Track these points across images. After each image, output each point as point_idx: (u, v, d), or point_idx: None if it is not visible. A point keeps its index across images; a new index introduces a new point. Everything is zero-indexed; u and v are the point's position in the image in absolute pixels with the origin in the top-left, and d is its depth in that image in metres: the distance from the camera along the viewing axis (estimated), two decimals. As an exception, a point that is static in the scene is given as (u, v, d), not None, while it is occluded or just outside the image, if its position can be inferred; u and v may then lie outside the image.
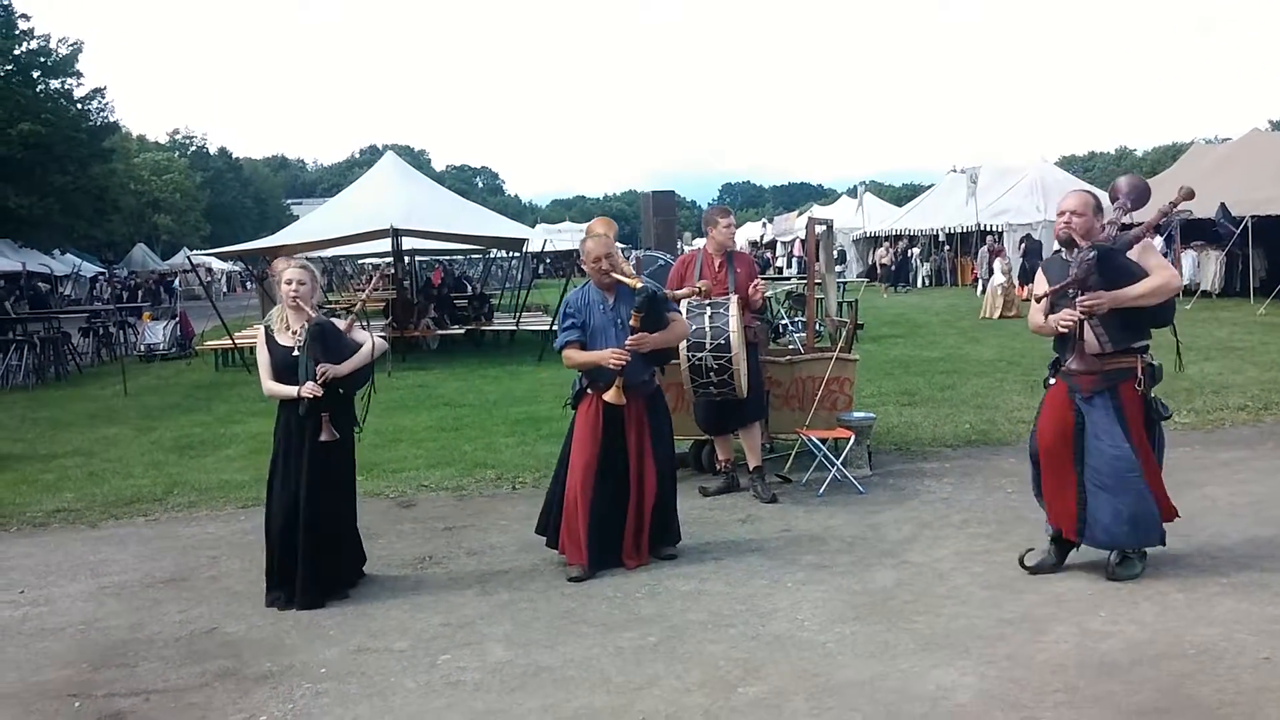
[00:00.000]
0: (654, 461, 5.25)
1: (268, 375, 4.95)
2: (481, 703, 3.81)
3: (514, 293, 22.77)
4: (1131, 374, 4.65)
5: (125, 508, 7.08)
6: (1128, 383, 4.66)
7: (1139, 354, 4.68)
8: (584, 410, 5.27)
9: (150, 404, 12.25)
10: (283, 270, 5.01)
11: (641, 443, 5.23)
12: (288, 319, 5.00)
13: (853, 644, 4.18)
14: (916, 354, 13.65)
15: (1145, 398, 4.69)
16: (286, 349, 4.93)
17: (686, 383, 6.20)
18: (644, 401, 5.27)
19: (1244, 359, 11.75)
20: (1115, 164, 77.11)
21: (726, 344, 5.94)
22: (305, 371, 4.84)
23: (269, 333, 5.01)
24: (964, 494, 6.44)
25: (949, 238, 30.47)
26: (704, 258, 6.65)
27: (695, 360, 6.01)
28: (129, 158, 50.95)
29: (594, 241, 5.30)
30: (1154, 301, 4.57)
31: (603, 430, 5.18)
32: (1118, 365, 4.66)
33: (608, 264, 5.20)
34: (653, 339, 5.14)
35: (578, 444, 5.22)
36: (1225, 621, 4.21)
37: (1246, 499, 6.04)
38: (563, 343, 5.27)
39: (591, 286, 5.34)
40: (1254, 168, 20.26)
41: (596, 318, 5.24)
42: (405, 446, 8.70)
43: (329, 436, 4.87)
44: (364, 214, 16.45)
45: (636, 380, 5.20)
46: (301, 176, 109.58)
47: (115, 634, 4.68)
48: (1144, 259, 4.61)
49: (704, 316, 6.04)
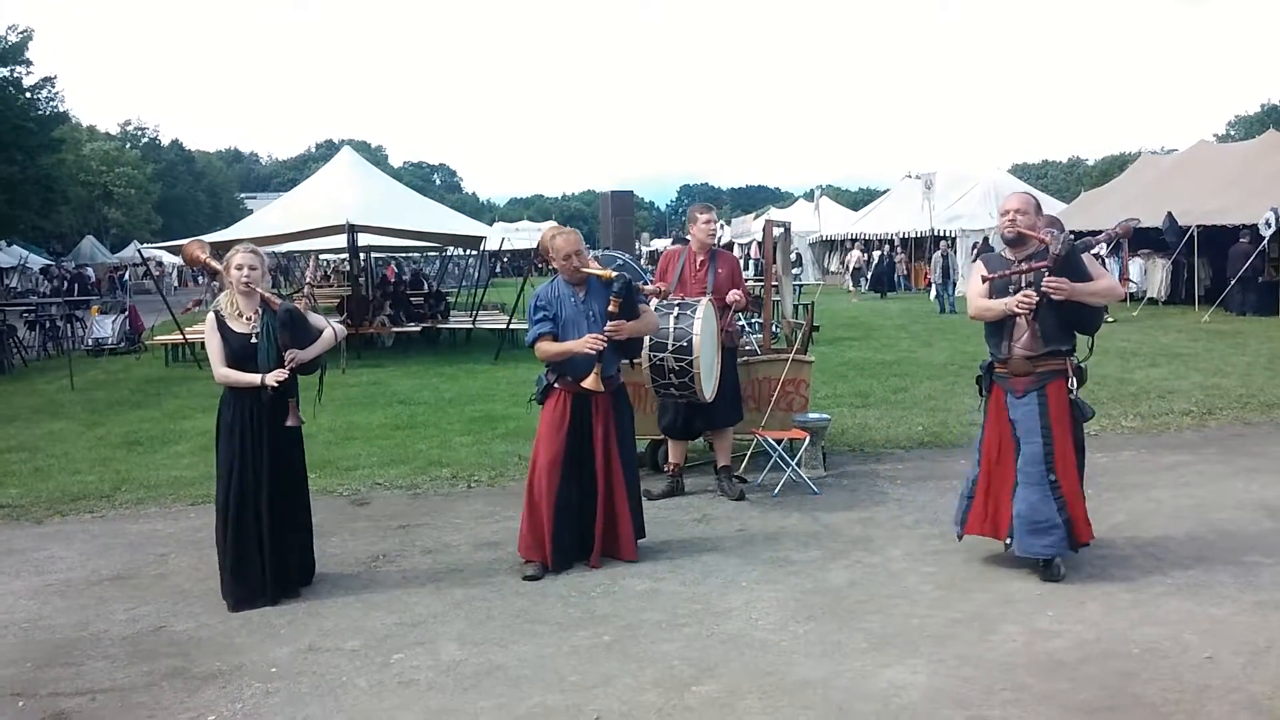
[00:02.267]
0: (620, 456, 5.27)
1: (221, 362, 4.84)
2: (435, 702, 3.79)
3: (470, 291, 22.63)
4: (1062, 375, 4.82)
5: (71, 504, 6.93)
6: (1058, 383, 4.82)
7: (1067, 357, 4.85)
8: (550, 406, 5.26)
9: (98, 399, 11.99)
10: (231, 256, 4.93)
11: (608, 438, 5.24)
12: (239, 304, 4.90)
13: (806, 643, 4.22)
14: (871, 357, 13.79)
15: (1073, 399, 4.85)
16: (243, 335, 4.84)
17: (647, 382, 6.20)
18: (610, 397, 5.28)
19: (1188, 365, 12.04)
20: (1067, 172, 78.60)
21: (689, 346, 5.95)
22: (267, 358, 4.77)
23: (220, 319, 4.89)
24: (916, 495, 6.52)
25: (903, 242, 30.86)
26: (687, 255, 6.66)
27: (656, 360, 6.01)
28: (78, 148, 49.82)
29: (564, 238, 5.28)
30: (1100, 302, 4.83)
31: (569, 426, 5.18)
32: (1049, 366, 4.82)
33: (579, 260, 5.21)
34: (629, 326, 5.19)
35: (543, 440, 5.22)
36: (1170, 621, 4.30)
37: (1190, 501, 6.19)
38: (535, 335, 5.25)
39: (560, 281, 5.33)
40: (1200, 179, 20.78)
41: (568, 310, 5.24)
42: (359, 444, 8.60)
43: (295, 422, 4.83)
44: (320, 209, 16.26)
45: (609, 371, 5.21)
46: (256, 170, 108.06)
47: (60, 632, 4.58)
48: (1092, 266, 4.81)
49: (670, 317, 6.04)
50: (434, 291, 21.44)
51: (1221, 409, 9.13)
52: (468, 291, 23.17)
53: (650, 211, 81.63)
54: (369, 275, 22.08)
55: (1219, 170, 21.07)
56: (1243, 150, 23.47)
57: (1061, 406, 4.81)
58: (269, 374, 4.74)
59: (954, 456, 7.59)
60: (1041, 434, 4.78)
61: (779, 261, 9.06)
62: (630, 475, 5.34)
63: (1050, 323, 4.75)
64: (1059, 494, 4.74)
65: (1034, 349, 4.80)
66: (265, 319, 4.84)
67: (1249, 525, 5.66)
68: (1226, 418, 8.80)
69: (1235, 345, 13.88)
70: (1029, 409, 4.82)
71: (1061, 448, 4.78)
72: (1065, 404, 4.82)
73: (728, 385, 6.44)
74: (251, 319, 4.85)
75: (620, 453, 5.28)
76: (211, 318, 4.95)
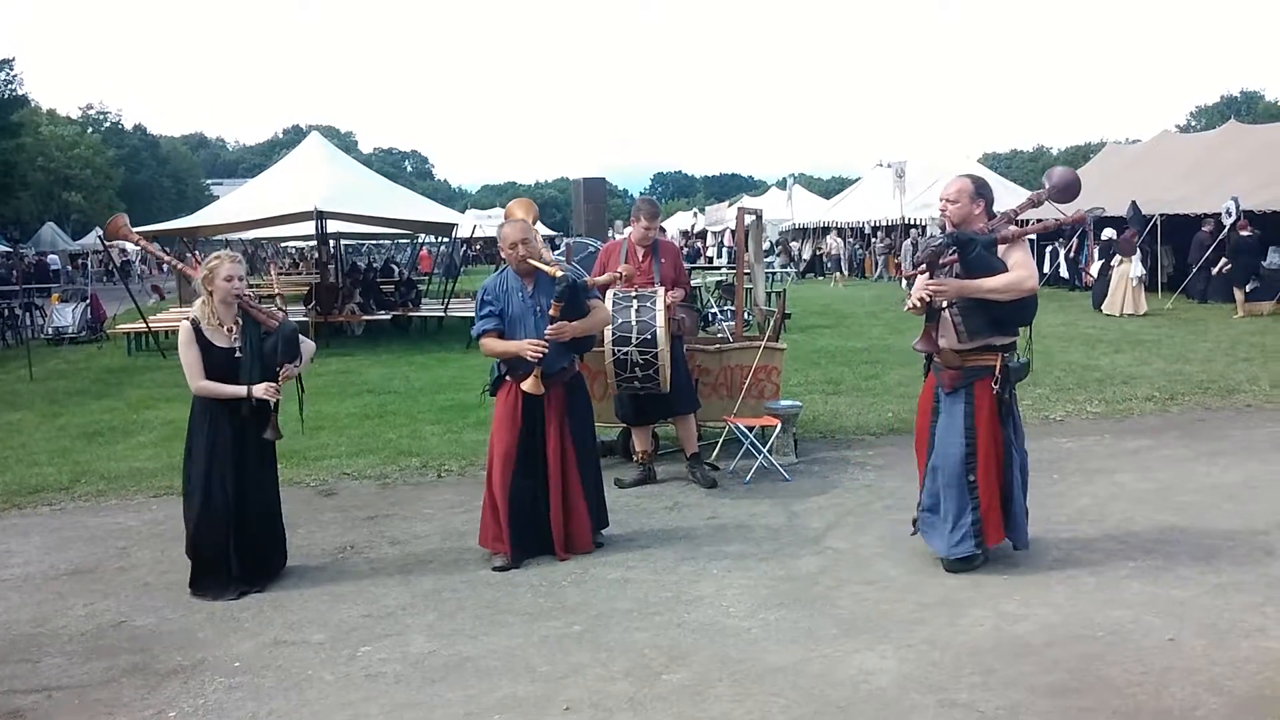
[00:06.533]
0: (575, 448, 5.20)
1: (198, 375, 4.69)
2: (402, 694, 3.75)
3: (442, 279, 22.45)
4: (989, 372, 4.66)
5: (29, 497, 6.79)
6: (984, 381, 4.67)
7: (1000, 352, 4.67)
8: (502, 398, 5.19)
9: (57, 389, 11.78)
10: (217, 266, 4.74)
11: (562, 430, 5.16)
12: (219, 315, 4.76)
13: (776, 630, 4.22)
14: (842, 344, 13.84)
15: (999, 398, 4.68)
16: (226, 350, 4.72)
17: (610, 376, 6.15)
18: (563, 389, 5.20)
19: (1152, 351, 12.19)
20: (1032, 162, 79.22)
21: (653, 339, 5.91)
22: (250, 372, 4.69)
23: (198, 330, 4.72)
24: (886, 481, 6.55)
25: (874, 230, 31.02)
26: (629, 246, 6.59)
27: (620, 355, 5.96)
28: (37, 132, 48.85)
29: (510, 227, 5.18)
30: (1004, 298, 4.54)
31: (521, 418, 5.11)
32: (977, 362, 4.67)
33: (524, 250, 5.06)
34: (572, 328, 5.06)
35: (496, 433, 5.16)
36: (1133, 604, 4.35)
37: (1153, 485, 6.26)
38: (480, 331, 5.14)
39: (510, 273, 5.21)
40: (1164, 168, 21.02)
41: (515, 305, 5.12)
42: (327, 434, 8.51)
43: (274, 435, 4.80)
44: (287, 195, 15.99)
45: (555, 368, 5.12)
46: (222, 156, 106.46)
47: (17, 628, 4.49)
48: (1007, 255, 4.61)
49: (630, 310, 5.98)
50: (405, 279, 21.27)
51: (1184, 394, 9.25)
52: (439, 279, 22.94)
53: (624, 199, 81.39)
54: (338, 263, 21.85)
55: (1182, 160, 21.33)
56: (1205, 140, 23.78)
57: (987, 407, 4.67)
58: (257, 386, 4.66)
59: (923, 443, 7.63)
60: (965, 435, 4.67)
61: (751, 249, 9.04)
62: (586, 467, 5.24)
63: (973, 316, 4.58)
64: (974, 495, 4.68)
65: (959, 343, 4.65)
66: (248, 330, 4.74)
67: (1210, 509, 5.73)
68: (1188, 403, 8.91)
69: (1197, 332, 14.08)
70: (954, 408, 4.72)
71: (985, 448, 4.67)
72: (991, 404, 4.67)
73: (680, 373, 6.41)
74: (233, 330, 4.74)
75: (575, 444, 5.20)
76: (188, 328, 4.73)
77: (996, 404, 4.69)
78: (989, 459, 4.69)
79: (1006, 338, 4.70)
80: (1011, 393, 4.77)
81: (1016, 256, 4.61)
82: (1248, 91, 74.26)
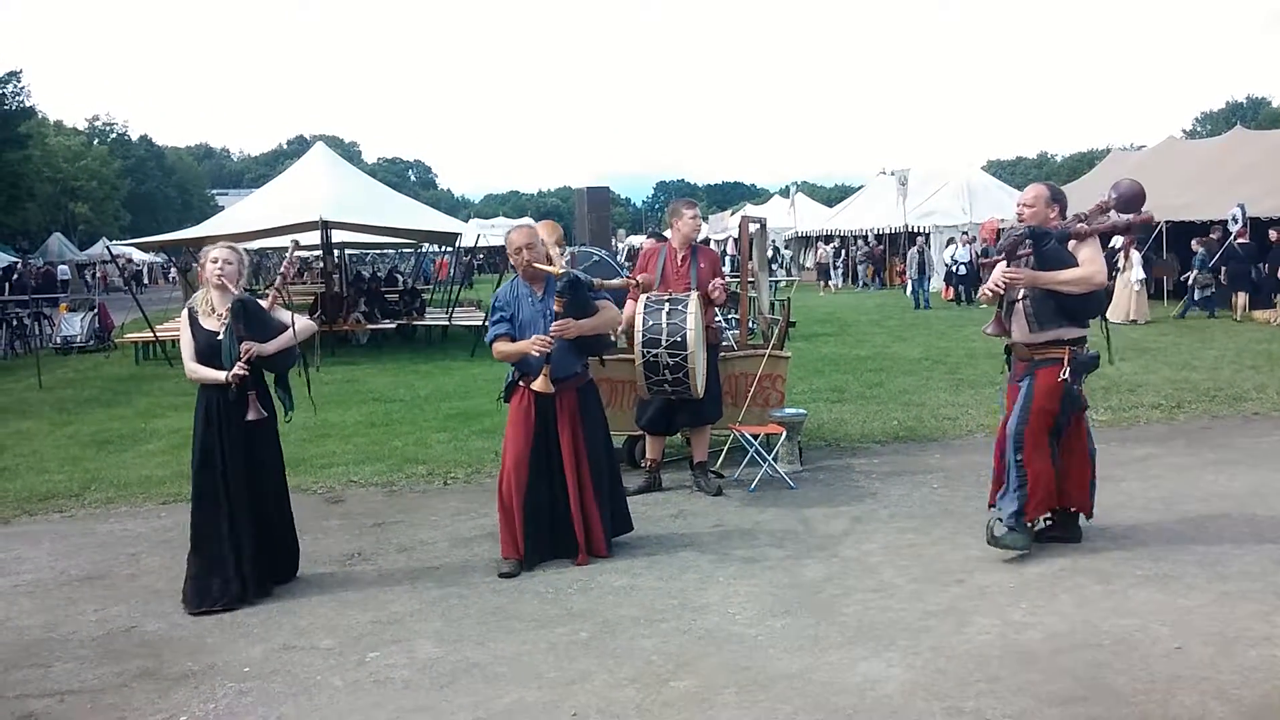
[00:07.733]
0: (589, 453, 5.25)
1: (190, 357, 4.88)
2: (410, 700, 3.77)
3: (446, 288, 22.52)
4: (1057, 363, 4.92)
5: (40, 504, 6.83)
6: (1049, 369, 4.93)
7: (1069, 346, 4.93)
8: (515, 404, 5.25)
9: (66, 397, 11.83)
10: (208, 250, 4.96)
11: (575, 434, 5.22)
12: (212, 301, 4.91)
13: (783, 637, 4.23)
14: (846, 352, 13.85)
15: (1066, 389, 4.92)
16: (210, 332, 4.85)
17: (640, 379, 6.16)
18: (575, 394, 5.26)
19: (1157, 359, 12.18)
20: (1036, 169, 79.37)
21: (683, 342, 5.93)
22: (229, 355, 4.76)
23: (192, 315, 4.93)
24: (891, 489, 6.56)
25: (878, 238, 31.03)
26: (668, 250, 6.60)
27: (650, 356, 5.98)
28: (44, 143, 49.12)
29: (516, 232, 5.31)
30: (1074, 290, 4.85)
31: (534, 424, 5.16)
32: (1046, 355, 4.94)
33: (529, 255, 5.18)
34: (578, 325, 5.13)
35: (510, 438, 5.21)
36: (1140, 612, 4.35)
37: (1159, 494, 6.26)
38: (493, 336, 5.26)
39: (520, 280, 5.31)
40: (1169, 175, 21.01)
41: (526, 310, 5.22)
42: (333, 442, 8.55)
43: (256, 415, 4.80)
44: (292, 205, 16.07)
45: (567, 373, 5.19)
46: (227, 166, 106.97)
47: (29, 633, 4.52)
48: (1077, 251, 4.88)
49: (661, 313, 6.02)
50: (409, 288, 21.32)
51: (1190, 402, 9.24)
52: (444, 288, 23.02)
53: (627, 208, 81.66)
54: (343, 272, 21.91)
55: (1187, 166, 21.35)
56: (1210, 146, 23.80)
57: (1048, 391, 4.91)
58: (229, 372, 4.74)
59: (929, 451, 7.64)
60: (1019, 414, 4.94)
61: (755, 258, 9.05)
62: (599, 472, 5.28)
63: (1044, 307, 4.87)
64: (1021, 473, 4.92)
65: (1029, 334, 4.95)
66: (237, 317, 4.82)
67: (1217, 517, 5.73)
68: (1195, 411, 8.91)
69: (1203, 340, 14.06)
70: (1021, 392, 4.99)
71: (1035, 431, 4.91)
72: (1054, 390, 4.90)
73: (711, 382, 6.44)
74: (223, 315, 4.85)
75: (589, 450, 5.25)
76: (185, 313, 4.98)
77: (1062, 391, 4.90)
78: (1038, 442, 4.92)
79: (1075, 330, 4.96)
80: (1079, 386, 5.00)
81: (1086, 252, 4.89)
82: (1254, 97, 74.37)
